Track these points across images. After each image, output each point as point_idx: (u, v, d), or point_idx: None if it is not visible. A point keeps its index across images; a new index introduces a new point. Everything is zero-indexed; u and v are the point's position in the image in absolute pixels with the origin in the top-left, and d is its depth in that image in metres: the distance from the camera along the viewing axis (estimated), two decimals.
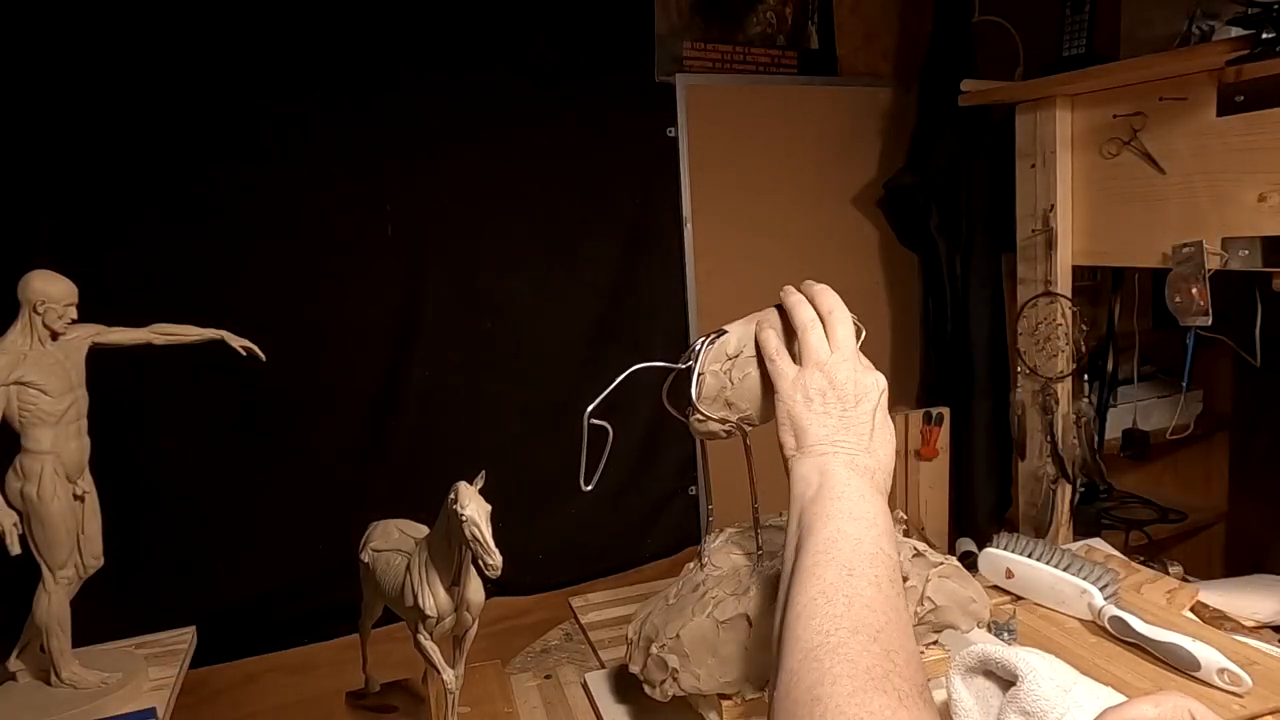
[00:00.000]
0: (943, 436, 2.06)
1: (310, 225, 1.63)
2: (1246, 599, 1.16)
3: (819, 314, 0.74)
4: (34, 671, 1.08)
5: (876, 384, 0.71)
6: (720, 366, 0.77)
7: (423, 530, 0.94)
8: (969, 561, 1.13)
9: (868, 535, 0.62)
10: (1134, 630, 1.00)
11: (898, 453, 1.99)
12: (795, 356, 0.74)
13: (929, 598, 0.90)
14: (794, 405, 0.71)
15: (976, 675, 0.82)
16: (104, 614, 1.17)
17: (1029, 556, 1.15)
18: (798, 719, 0.51)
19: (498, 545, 0.79)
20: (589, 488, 0.77)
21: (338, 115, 1.62)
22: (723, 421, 0.76)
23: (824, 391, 0.70)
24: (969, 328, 2.04)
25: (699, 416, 0.76)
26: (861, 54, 2.13)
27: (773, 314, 0.77)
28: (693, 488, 2.05)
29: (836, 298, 0.75)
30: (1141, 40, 1.51)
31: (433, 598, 0.86)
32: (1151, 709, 0.63)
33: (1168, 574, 1.29)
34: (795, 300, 0.75)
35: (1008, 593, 1.17)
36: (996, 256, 2.02)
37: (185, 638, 1.21)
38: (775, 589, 0.85)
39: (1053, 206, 1.64)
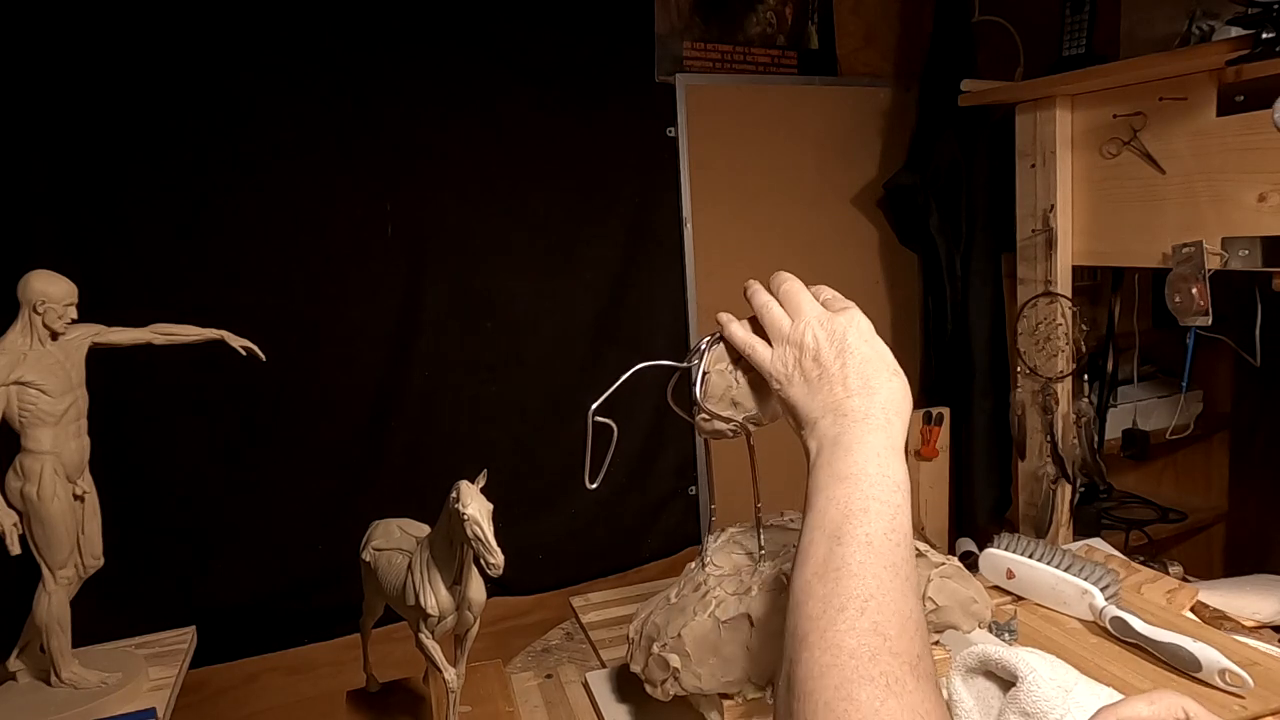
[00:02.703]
0: (943, 436, 2.06)
1: (310, 225, 1.63)
2: (1246, 599, 1.16)
3: (774, 294, 0.72)
4: (34, 671, 1.07)
5: (850, 321, 0.67)
6: (725, 365, 0.76)
7: (424, 529, 0.94)
8: (969, 562, 1.13)
9: (855, 491, 0.59)
10: (1135, 630, 1.00)
11: None
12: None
13: (930, 598, 0.90)
14: (779, 387, 0.69)
15: (977, 676, 0.82)
16: (104, 614, 1.17)
17: (1029, 557, 1.15)
18: (792, 714, 0.50)
19: (499, 544, 0.79)
20: (594, 486, 0.76)
21: (338, 115, 1.62)
22: (729, 421, 0.76)
23: (798, 360, 0.67)
24: (969, 328, 2.04)
25: (704, 416, 0.76)
26: (861, 54, 2.13)
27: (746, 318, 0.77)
28: (693, 488, 2.05)
29: (787, 275, 0.73)
30: (1141, 40, 1.51)
31: (434, 597, 0.86)
32: (1146, 707, 0.63)
33: (1168, 574, 1.29)
34: (753, 291, 0.74)
35: (1008, 593, 1.17)
36: (996, 256, 2.02)
37: (185, 638, 1.21)
38: (777, 588, 0.85)
39: (1053, 206, 1.65)
